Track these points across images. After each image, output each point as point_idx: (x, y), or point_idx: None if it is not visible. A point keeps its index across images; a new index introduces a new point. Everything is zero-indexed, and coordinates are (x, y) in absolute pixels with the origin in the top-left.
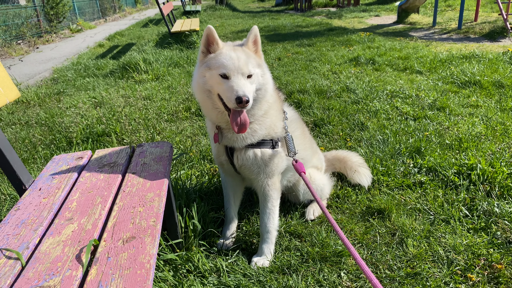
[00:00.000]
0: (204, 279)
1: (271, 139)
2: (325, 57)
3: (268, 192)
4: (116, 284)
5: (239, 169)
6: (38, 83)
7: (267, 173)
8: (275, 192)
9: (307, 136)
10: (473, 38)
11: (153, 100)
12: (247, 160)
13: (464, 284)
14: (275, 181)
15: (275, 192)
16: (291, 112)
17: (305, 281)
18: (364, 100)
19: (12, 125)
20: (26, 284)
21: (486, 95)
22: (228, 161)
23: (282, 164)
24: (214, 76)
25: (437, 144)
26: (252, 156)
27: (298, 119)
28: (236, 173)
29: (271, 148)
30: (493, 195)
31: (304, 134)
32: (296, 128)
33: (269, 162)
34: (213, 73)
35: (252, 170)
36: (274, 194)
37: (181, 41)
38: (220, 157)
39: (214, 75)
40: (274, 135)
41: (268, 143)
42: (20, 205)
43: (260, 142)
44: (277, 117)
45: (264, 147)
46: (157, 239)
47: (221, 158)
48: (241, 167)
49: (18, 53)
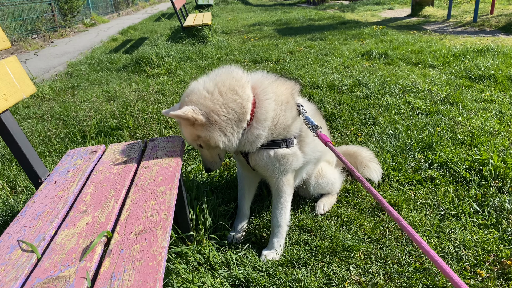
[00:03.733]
0: (215, 271)
1: (283, 138)
2: (337, 51)
3: (282, 188)
4: (128, 275)
5: (254, 168)
6: (53, 77)
7: (281, 171)
8: (289, 188)
9: (325, 130)
10: (488, 31)
11: (165, 95)
12: (261, 160)
13: (473, 279)
14: (289, 178)
15: (288, 188)
16: (310, 107)
17: (314, 274)
18: (376, 94)
19: (28, 119)
20: (42, 274)
21: (501, 90)
22: (245, 160)
23: (296, 162)
24: None
25: (449, 140)
26: (265, 156)
27: (317, 113)
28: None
29: (285, 148)
30: (505, 191)
31: (323, 127)
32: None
33: (283, 160)
34: None
35: (266, 168)
36: (287, 190)
37: (193, 35)
38: (238, 155)
39: None
40: (287, 134)
41: (281, 142)
42: (37, 198)
43: (272, 142)
44: (286, 117)
45: (277, 148)
46: (168, 232)
47: (238, 156)
48: (255, 166)
49: (34, 48)
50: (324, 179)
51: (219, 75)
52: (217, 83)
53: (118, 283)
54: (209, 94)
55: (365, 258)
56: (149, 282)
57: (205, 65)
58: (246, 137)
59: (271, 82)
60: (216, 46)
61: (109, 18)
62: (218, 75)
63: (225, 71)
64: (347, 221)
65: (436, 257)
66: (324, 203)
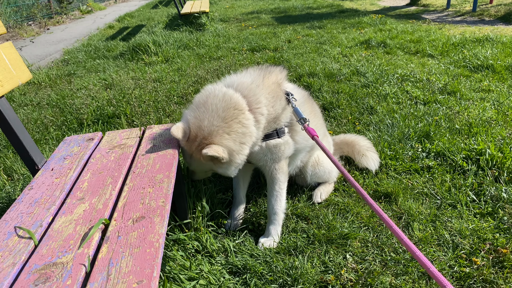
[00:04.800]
0: (212, 258)
1: (274, 129)
2: (335, 39)
3: (275, 176)
4: (126, 261)
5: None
6: (49, 64)
7: (273, 159)
8: (283, 176)
9: (318, 116)
10: (487, 21)
11: (162, 83)
12: (252, 152)
13: (468, 267)
14: (282, 165)
15: (282, 176)
16: (300, 94)
17: (311, 262)
18: (374, 83)
19: (24, 106)
20: (40, 260)
21: (499, 80)
22: None
23: (289, 150)
24: None
25: (446, 129)
26: (257, 148)
27: (308, 100)
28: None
29: (276, 138)
30: (501, 181)
31: (315, 114)
32: (305, 110)
33: (275, 150)
34: None
35: (259, 158)
36: (281, 177)
37: (190, 23)
38: None
39: None
40: (277, 126)
41: (272, 134)
42: (33, 185)
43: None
44: (275, 109)
45: (268, 139)
46: (166, 219)
47: None
48: (248, 158)
49: (29, 34)
50: (321, 167)
51: (222, 110)
52: (227, 122)
53: (116, 269)
54: (229, 136)
55: (361, 246)
56: (147, 269)
57: (203, 53)
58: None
59: (259, 84)
60: (214, 34)
61: (106, 5)
62: (221, 109)
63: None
64: (344, 209)
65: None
66: (321, 191)
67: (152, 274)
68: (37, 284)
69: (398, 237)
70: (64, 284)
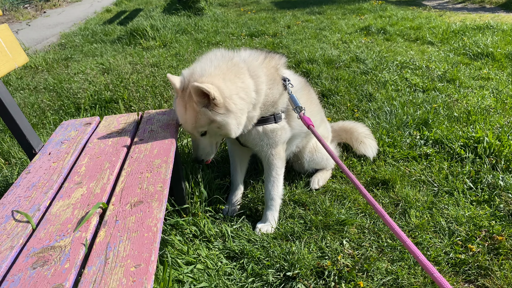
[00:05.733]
0: (210, 243)
1: (272, 114)
2: (335, 25)
3: (272, 161)
4: (124, 245)
5: (244, 143)
6: (46, 48)
7: (270, 144)
8: (279, 161)
9: (315, 103)
10: (488, 8)
11: (160, 67)
12: (249, 135)
13: (464, 254)
14: (279, 151)
15: (279, 161)
16: (297, 80)
17: (308, 247)
18: (373, 70)
19: (21, 90)
20: (38, 243)
21: (498, 68)
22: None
23: (285, 135)
24: None
25: (445, 117)
26: (254, 133)
27: (305, 86)
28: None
29: (273, 123)
30: (498, 169)
31: (311, 101)
32: (301, 96)
33: (272, 134)
34: None
35: (256, 143)
36: (278, 163)
37: (189, 7)
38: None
39: None
40: (275, 110)
41: (269, 118)
42: (31, 169)
43: (261, 119)
44: (272, 92)
45: (265, 124)
46: (164, 204)
47: None
48: (245, 142)
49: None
50: (319, 154)
51: (220, 61)
52: (223, 71)
53: (114, 253)
54: (223, 81)
55: (358, 232)
56: (145, 253)
57: (201, 38)
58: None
59: (260, 62)
60: (212, 19)
61: None
62: (219, 61)
63: (223, 57)
64: (341, 196)
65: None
66: (319, 178)
67: (150, 258)
68: (35, 267)
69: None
70: (62, 267)
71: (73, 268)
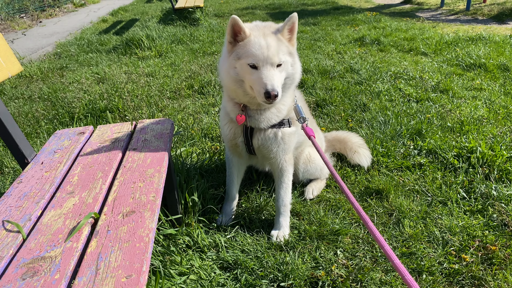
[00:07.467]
0: (203, 254)
1: (288, 118)
2: (330, 36)
3: (285, 168)
4: (115, 256)
5: (257, 149)
6: (41, 57)
7: (285, 150)
8: (290, 167)
9: (309, 114)
10: (481, 20)
11: (155, 77)
12: (267, 140)
13: (457, 264)
14: (290, 157)
15: (290, 167)
16: (297, 92)
17: (302, 258)
18: (367, 81)
19: (15, 99)
20: (28, 254)
21: (491, 78)
22: (244, 142)
23: (295, 141)
24: (244, 66)
25: (438, 127)
26: (272, 136)
27: (301, 98)
28: (246, 153)
29: (288, 127)
30: (492, 178)
31: (307, 112)
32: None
33: (288, 139)
34: (242, 62)
35: (271, 149)
36: (289, 169)
37: (184, 17)
38: (237, 138)
39: (244, 65)
40: (290, 115)
41: (286, 122)
42: (23, 178)
43: (280, 122)
44: (293, 98)
45: (284, 127)
46: (156, 214)
47: (237, 140)
48: (260, 147)
49: (21, 27)
50: (313, 164)
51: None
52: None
53: (105, 263)
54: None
55: (352, 242)
56: (136, 263)
57: (197, 48)
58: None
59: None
60: (208, 29)
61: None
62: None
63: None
64: (335, 205)
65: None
66: (313, 188)
67: (141, 269)
68: (24, 278)
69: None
70: (52, 278)
71: (63, 279)
